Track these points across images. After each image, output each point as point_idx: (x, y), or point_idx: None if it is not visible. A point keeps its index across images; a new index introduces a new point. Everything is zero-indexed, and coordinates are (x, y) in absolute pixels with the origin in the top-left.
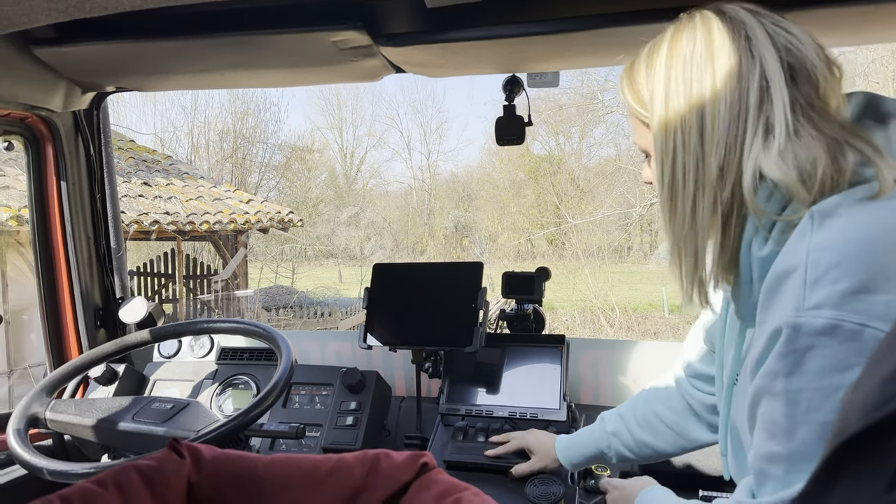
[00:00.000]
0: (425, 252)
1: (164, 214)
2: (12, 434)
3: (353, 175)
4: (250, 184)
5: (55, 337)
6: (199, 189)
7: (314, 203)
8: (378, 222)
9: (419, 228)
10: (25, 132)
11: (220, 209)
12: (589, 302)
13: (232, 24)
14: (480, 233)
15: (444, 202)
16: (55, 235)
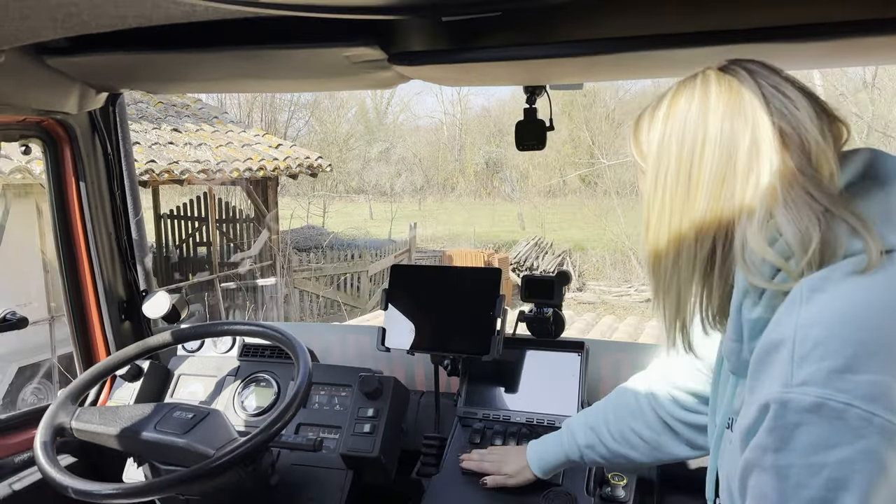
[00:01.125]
0: (455, 189)
1: (194, 163)
2: (40, 448)
3: (384, 109)
4: (280, 122)
5: (81, 333)
6: (228, 135)
7: (344, 139)
8: (408, 158)
9: (450, 165)
10: (42, 135)
11: (250, 156)
12: (620, 242)
13: (246, 37)
14: (511, 171)
15: (475, 138)
16: (77, 234)
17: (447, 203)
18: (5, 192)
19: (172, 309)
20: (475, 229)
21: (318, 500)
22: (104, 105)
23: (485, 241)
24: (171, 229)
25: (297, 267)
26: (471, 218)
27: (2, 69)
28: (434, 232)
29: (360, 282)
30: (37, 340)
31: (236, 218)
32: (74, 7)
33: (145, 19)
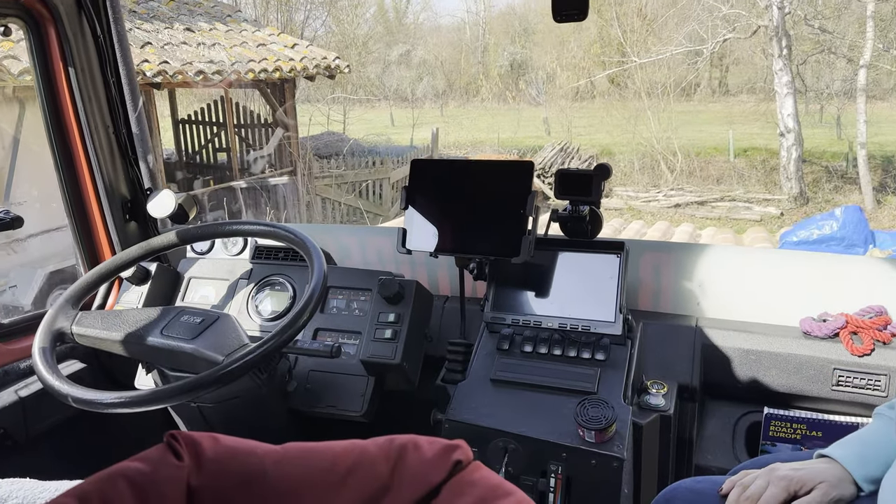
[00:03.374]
0: (479, 93)
1: (208, 63)
2: (38, 354)
3: (404, 8)
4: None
5: (84, 235)
6: (242, 34)
7: (363, 41)
8: (430, 61)
9: (472, 68)
10: (23, 14)
11: (265, 56)
12: (650, 147)
13: None
14: (537, 72)
15: (499, 38)
16: (70, 127)
17: (470, 108)
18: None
19: (179, 209)
20: (499, 135)
21: (339, 407)
22: None
23: (509, 147)
24: (190, 135)
25: (317, 173)
26: (494, 123)
27: None
28: (457, 138)
29: (382, 189)
30: (69, 243)
31: (254, 123)
32: None
33: None
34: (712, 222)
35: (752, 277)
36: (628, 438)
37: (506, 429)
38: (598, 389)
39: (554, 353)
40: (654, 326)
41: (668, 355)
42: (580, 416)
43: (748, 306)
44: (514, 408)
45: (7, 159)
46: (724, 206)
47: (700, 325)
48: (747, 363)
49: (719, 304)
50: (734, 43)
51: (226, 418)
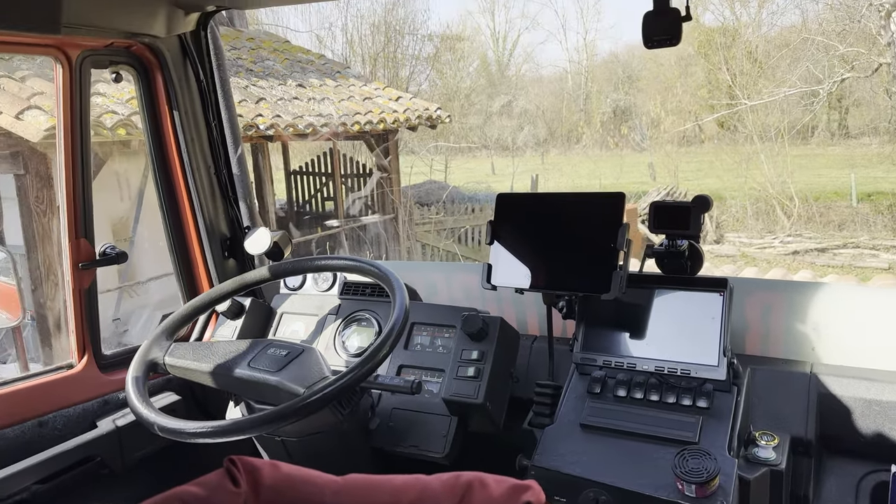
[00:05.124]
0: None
1: (317, 117)
2: (131, 383)
3: (506, 61)
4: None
5: (185, 271)
6: (350, 89)
7: (466, 94)
8: (531, 110)
9: (574, 115)
10: (132, 61)
11: (370, 108)
12: (763, 191)
13: None
14: (641, 118)
15: (601, 85)
16: (174, 167)
17: (571, 155)
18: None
19: (275, 246)
20: (601, 181)
21: (421, 447)
22: (195, 29)
23: None
24: (301, 185)
25: (418, 220)
26: (596, 170)
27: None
28: (557, 184)
29: (481, 234)
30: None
31: (360, 172)
32: None
33: None
34: (834, 270)
35: (875, 319)
36: (733, 494)
37: (597, 479)
38: (699, 439)
39: (650, 399)
40: (763, 372)
41: (779, 404)
42: (679, 468)
43: (871, 351)
44: (606, 456)
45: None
46: (847, 254)
47: (815, 372)
48: (871, 415)
49: (838, 349)
50: (854, 83)
51: (308, 453)
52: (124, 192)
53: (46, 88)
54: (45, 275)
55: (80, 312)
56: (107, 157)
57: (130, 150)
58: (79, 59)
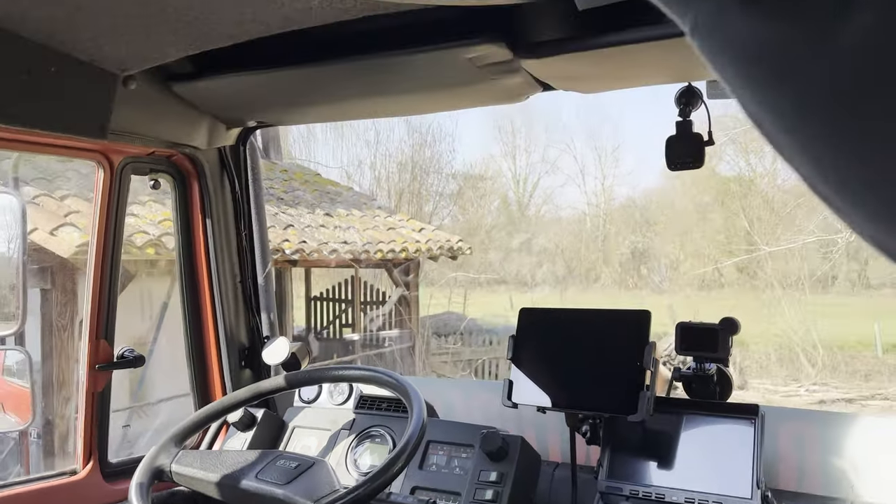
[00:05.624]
0: (599, 280)
1: (342, 244)
2: (135, 490)
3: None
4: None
5: (199, 378)
6: (375, 219)
7: (487, 230)
8: (550, 249)
9: (593, 255)
10: (171, 170)
11: (394, 238)
12: (786, 338)
13: (362, 47)
14: (660, 260)
15: (619, 227)
16: (201, 274)
17: (590, 294)
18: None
19: (292, 357)
20: None
21: None
22: (235, 144)
23: None
24: (321, 311)
25: (435, 350)
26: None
27: (133, 96)
28: None
29: (498, 368)
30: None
31: (380, 300)
32: (193, 15)
33: (263, 25)
34: None
35: None
36: None
37: None
38: None
39: None
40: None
41: None
42: None
43: None
44: None
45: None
46: (876, 405)
47: None
48: None
49: (880, 488)
50: None
51: None
52: (146, 312)
53: (83, 207)
54: (57, 390)
55: (91, 416)
56: (134, 274)
57: (157, 271)
58: (121, 165)
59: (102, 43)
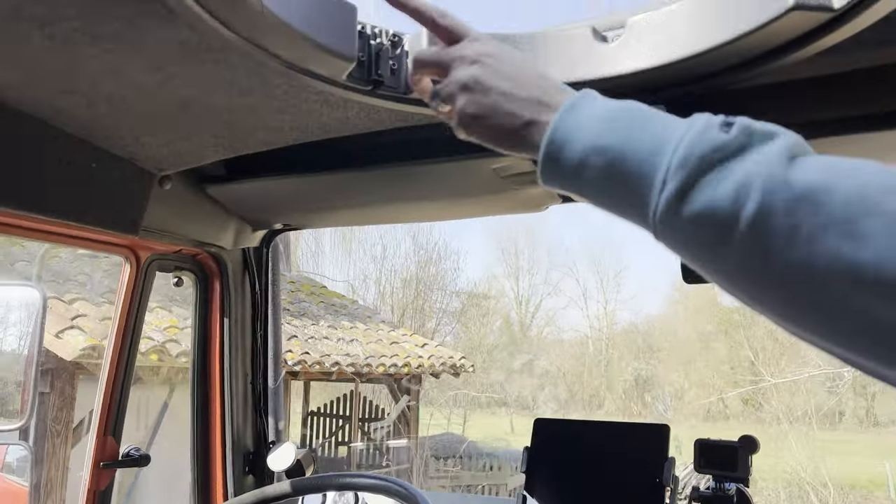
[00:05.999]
0: (602, 406)
1: (344, 356)
2: None
3: (528, 323)
4: (428, 329)
5: (202, 481)
6: (379, 333)
7: (488, 350)
8: (552, 371)
9: (596, 380)
10: (195, 269)
11: (396, 352)
12: (795, 475)
13: (390, 155)
14: (664, 388)
15: (622, 353)
16: (213, 372)
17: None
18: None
19: (297, 464)
20: None
21: None
22: (259, 245)
23: None
24: (319, 426)
25: (433, 474)
26: None
27: (167, 195)
28: None
29: (499, 494)
30: None
31: (379, 417)
32: (234, 120)
33: (301, 133)
34: None
35: None
36: None
37: None
38: None
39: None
40: None
41: None
42: None
43: None
44: None
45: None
46: None
47: None
48: None
49: None
50: None
51: None
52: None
53: (90, 311)
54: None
55: None
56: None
57: (158, 378)
58: (147, 261)
59: (144, 142)
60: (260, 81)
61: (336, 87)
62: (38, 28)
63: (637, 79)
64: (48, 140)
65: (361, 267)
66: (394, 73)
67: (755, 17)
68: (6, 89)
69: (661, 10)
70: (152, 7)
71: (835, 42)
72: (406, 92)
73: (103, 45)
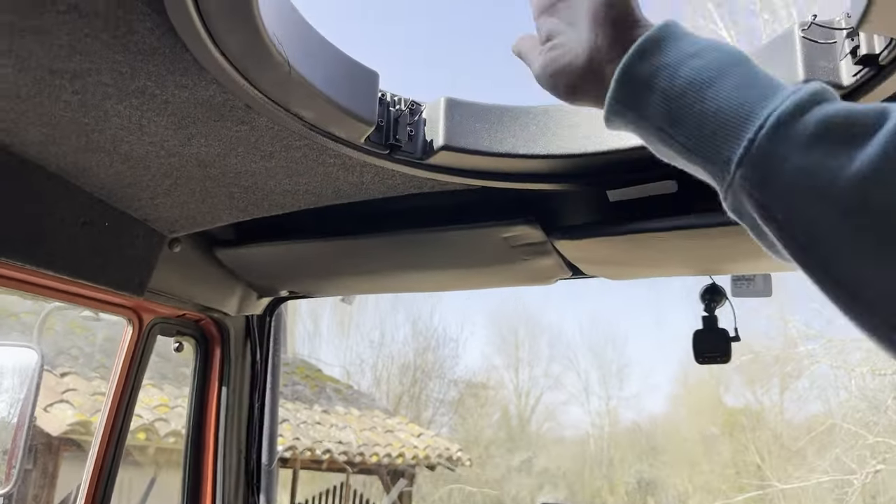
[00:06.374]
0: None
1: (337, 444)
2: None
3: (528, 416)
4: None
5: None
6: (374, 419)
7: (485, 444)
8: (552, 470)
9: (597, 481)
10: (197, 334)
11: (391, 441)
12: None
13: (402, 222)
14: (668, 491)
15: (624, 453)
16: (207, 444)
17: None
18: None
19: None
20: None
21: None
22: (262, 313)
23: None
24: None
25: None
26: None
27: (175, 258)
28: None
29: None
30: None
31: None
32: (251, 183)
33: (315, 197)
34: None
35: None
36: None
37: None
38: None
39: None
40: None
41: None
42: None
43: None
44: None
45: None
46: None
47: None
48: None
49: None
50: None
51: None
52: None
53: (81, 386)
54: None
55: None
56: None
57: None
58: (150, 324)
59: (158, 203)
60: (281, 144)
61: (354, 150)
62: (68, 82)
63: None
64: (67, 198)
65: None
66: (411, 138)
67: None
68: (31, 145)
69: None
70: (183, 63)
71: None
72: (421, 158)
73: (130, 100)
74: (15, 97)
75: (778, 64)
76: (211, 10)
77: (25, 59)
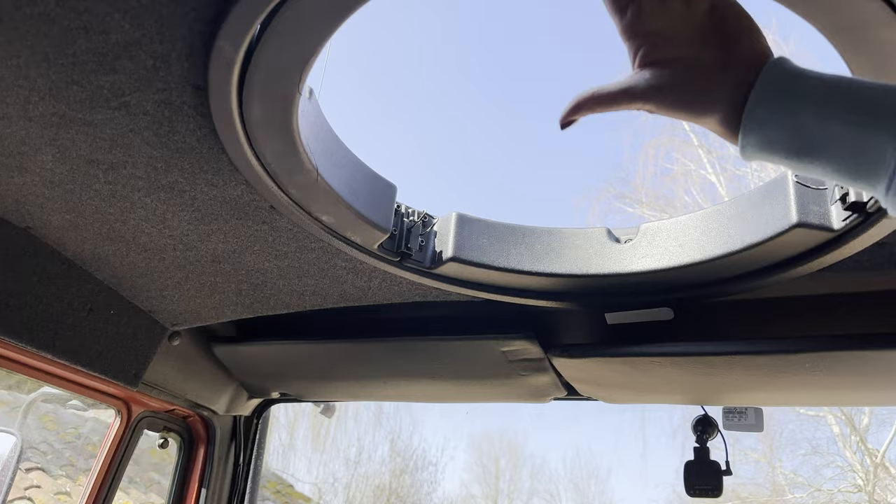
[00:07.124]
0: None
1: None
2: None
3: None
4: None
5: None
6: None
7: None
8: None
9: None
10: (183, 431)
11: None
12: None
13: (402, 329)
14: None
15: None
16: None
17: None
18: None
19: None
20: None
21: None
22: (250, 415)
23: None
24: None
25: None
26: None
27: (172, 351)
28: None
29: None
30: None
31: None
32: (260, 281)
33: (321, 298)
34: None
35: None
36: None
37: None
38: None
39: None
40: None
41: None
42: None
43: None
44: None
45: None
46: None
47: None
48: None
49: None
50: None
51: None
52: None
53: (45, 483)
54: None
55: None
56: None
57: None
58: (138, 417)
59: (167, 295)
60: (297, 245)
61: (366, 255)
62: (103, 173)
63: (646, 279)
64: (78, 284)
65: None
66: (421, 248)
67: (761, 231)
68: (53, 230)
69: (672, 220)
70: (217, 163)
71: (835, 261)
72: (430, 267)
73: (158, 194)
74: (48, 183)
75: (772, 205)
76: (253, 118)
77: (67, 150)
